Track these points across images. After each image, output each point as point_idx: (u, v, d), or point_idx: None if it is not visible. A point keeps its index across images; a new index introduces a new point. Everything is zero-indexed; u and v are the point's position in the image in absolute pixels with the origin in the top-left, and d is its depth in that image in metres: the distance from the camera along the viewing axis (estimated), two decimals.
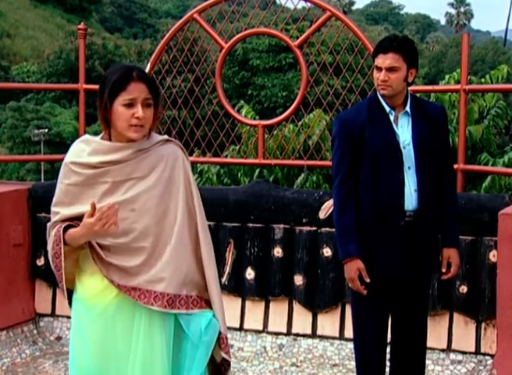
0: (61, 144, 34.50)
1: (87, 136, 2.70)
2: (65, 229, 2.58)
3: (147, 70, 5.24)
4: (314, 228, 4.70)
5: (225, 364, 2.74)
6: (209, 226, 4.77)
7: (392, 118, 3.32)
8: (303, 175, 9.33)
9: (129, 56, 44.86)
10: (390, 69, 3.22)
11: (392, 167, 3.28)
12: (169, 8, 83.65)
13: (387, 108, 3.33)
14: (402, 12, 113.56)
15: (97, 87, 5.45)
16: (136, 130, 2.57)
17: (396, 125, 3.31)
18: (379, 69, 3.25)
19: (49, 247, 2.61)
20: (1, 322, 4.87)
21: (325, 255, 4.66)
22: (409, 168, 3.29)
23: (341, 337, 4.70)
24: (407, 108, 3.33)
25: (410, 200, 3.29)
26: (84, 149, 2.63)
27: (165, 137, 2.72)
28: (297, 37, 5.16)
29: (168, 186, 2.64)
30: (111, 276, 2.58)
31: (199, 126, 5.47)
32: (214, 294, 2.67)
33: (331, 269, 4.64)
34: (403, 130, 3.31)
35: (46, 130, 38.39)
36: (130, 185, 2.60)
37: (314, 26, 4.99)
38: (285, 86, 35.90)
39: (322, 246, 4.67)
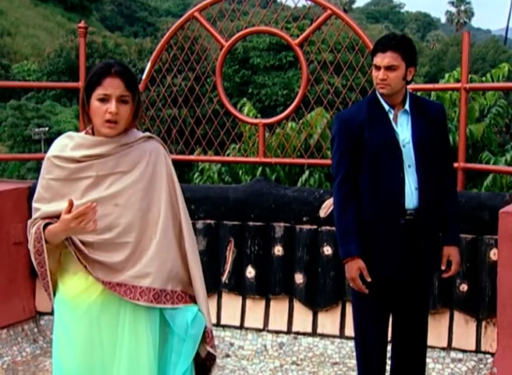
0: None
1: (70, 132, 2.70)
2: (45, 226, 2.57)
3: (147, 69, 5.24)
4: (315, 226, 4.70)
5: (211, 358, 2.76)
6: (210, 224, 4.84)
7: (391, 116, 3.31)
8: (306, 173, 9.33)
9: (129, 55, 44.79)
10: (389, 68, 3.22)
11: (393, 166, 3.27)
12: (170, 6, 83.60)
13: (386, 107, 3.32)
14: (402, 11, 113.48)
15: None
16: (109, 126, 2.57)
17: (396, 124, 3.30)
18: (378, 67, 3.25)
19: (30, 245, 2.60)
20: (1, 320, 4.88)
21: (326, 253, 4.66)
22: (409, 166, 3.28)
23: (341, 335, 4.70)
24: (407, 106, 3.32)
25: (411, 199, 3.28)
26: (67, 144, 2.62)
27: (148, 134, 2.73)
28: (298, 36, 5.16)
29: (151, 181, 2.65)
30: (96, 274, 2.58)
31: (199, 125, 5.47)
32: (198, 289, 2.68)
33: (331, 267, 4.64)
34: (403, 129, 3.30)
35: (46, 129, 38.35)
36: (114, 179, 2.60)
37: (314, 25, 4.99)
38: (285, 84, 35.86)
39: (323, 244, 4.67)
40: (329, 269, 4.66)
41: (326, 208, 4.63)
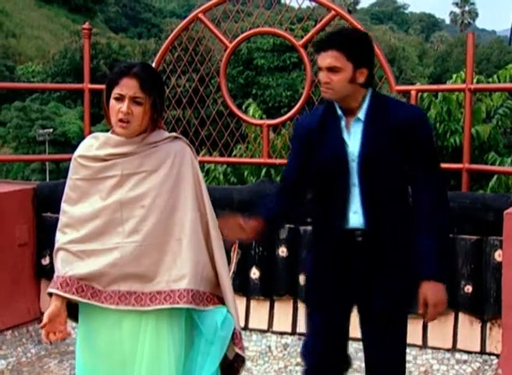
0: (66, 144, 34.62)
1: (96, 133, 2.73)
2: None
3: None
4: None
5: (239, 360, 2.74)
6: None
7: (343, 125, 2.84)
8: None
9: (133, 56, 44.91)
10: (331, 70, 2.74)
11: (337, 184, 2.82)
12: (174, 7, 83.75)
13: (339, 113, 2.85)
14: (407, 12, 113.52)
15: (102, 86, 5.45)
16: (121, 125, 2.57)
17: (349, 133, 2.83)
18: (320, 68, 2.79)
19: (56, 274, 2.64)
20: (6, 321, 4.89)
21: None
22: (354, 185, 2.81)
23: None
24: (360, 113, 2.81)
25: (354, 221, 2.81)
26: (93, 144, 2.66)
27: (174, 134, 2.72)
28: (302, 37, 5.16)
29: (177, 182, 2.63)
30: (130, 287, 2.57)
31: (204, 126, 5.48)
32: (227, 291, 2.67)
33: None
34: (355, 141, 2.81)
35: (51, 130, 38.46)
36: (139, 179, 2.59)
37: (318, 26, 5.00)
38: (289, 85, 35.91)
39: None
40: None
41: None
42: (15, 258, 5.01)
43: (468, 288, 4.36)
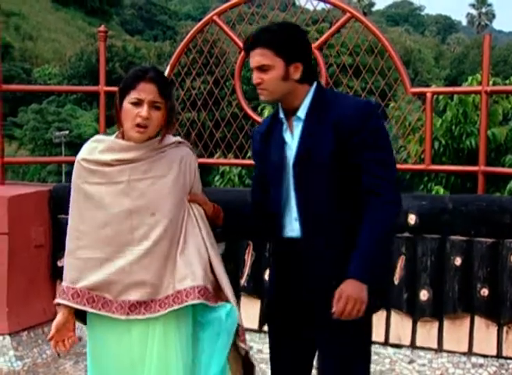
0: (82, 146, 34.76)
1: (99, 135, 2.72)
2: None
3: (166, 73, 5.26)
4: None
5: (243, 353, 2.75)
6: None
7: (285, 127, 2.65)
8: None
9: (149, 58, 45.06)
10: (261, 69, 2.55)
11: (276, 189, 2.66)
12: (189, 10, 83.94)
13: (280, 115, 2.67)
14: (423, 13, 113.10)
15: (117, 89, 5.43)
16: (139, 130, 2.57)
17: (292, 135, 2.63)
18: (252, 70, 2.61)
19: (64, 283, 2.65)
20: (22, 322, 4.92)
21: None
22: (292, 190, 2.63)
23: None
24: (300, 112, 2.60)
25: (292, 228, 2.65)
26: (96, 147, 2.63)
27: (178, 138, 2.72)
28: (317, 39, 5.16)
29: (182, 188, 2.65)
30: (142, 297, 2.58)
31: (218, 128, 5.48)
32: (227, 290, 2.68)
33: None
34: (295, 142, 2.62)
35: (67, 132, 38.66)
36: (147, 185, 2.59)
37: (333, 28, 4.98)
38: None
39: None
40: None
41: None
42: (31, 260, 5.04)
43: (484, 291, 4.33)
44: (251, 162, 7.32)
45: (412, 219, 4.48)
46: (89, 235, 2.59)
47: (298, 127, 2.60)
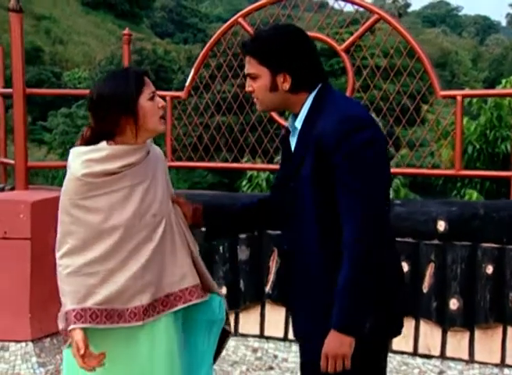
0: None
1: (80, 148, 2.63)
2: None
3: (190, 75, 5.31)
4: None
5: (226, 332, 2.94)
6: (253, 234, 4.84)
7: (290, 136, 2.58)
8: None
9: (178, 61, 45.36)
10: (250, 77, 2.50)
11: (282, 204, 2.60)
12: (220, 12, 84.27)
13: (289, 121, 2.59)
14: (460, 14, 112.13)
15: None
16: (164, 121, 2.63)
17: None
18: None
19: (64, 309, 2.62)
20: (44, 329, 4.96)
21: None
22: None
23: (388, 349, 4.64)
24: (297, 122, 2.49)
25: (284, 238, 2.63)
26: (91, 159, 2.57)
27: None
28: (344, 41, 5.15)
29: (168, 185, 2.74)
30: (147, 299, 2.61)
31: (245, 133, 5.47)
32: (211, 281, 2.82)
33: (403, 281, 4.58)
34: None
35: None
36: (144, 188, 2.62)
37: (360, 30, 4.97)
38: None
39: None
40: None
41: None
42: (54, 266, 5.07)
43: None
44: (277, 166, 7.30)
45: (441, 225, 4.44)
46: (97, 248, 2.57)
47: (296, 138, 2.52)
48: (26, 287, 4.84)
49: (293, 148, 2.52)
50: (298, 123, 2.48)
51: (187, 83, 5.27)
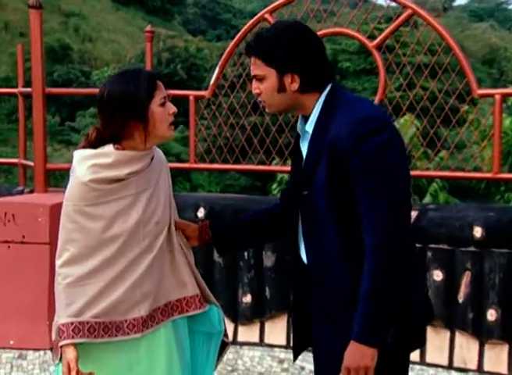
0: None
1: (84, 150, 2.62)
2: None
3: (215, 74, 5.32)
4: None
5: (225, 344, 2.97)
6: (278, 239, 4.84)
7: (300, 141, 2.57)
8: None
9: (211, 60, 45.49)
10: (256, 78, 2.48)
11: (295, 213, 2.58)
12: (254, 8, 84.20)
13: (298, 125, 2.58)
14: (510, 8, 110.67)
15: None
16: (173, 128, 2.63)
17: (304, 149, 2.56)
18: None
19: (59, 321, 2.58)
20: None
21: None
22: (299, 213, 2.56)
23: (422, 361, 4.62)
24: (308, 125, 2.48)
25: (303, 250, 2.60)
26: (99, 164, 2.57)
27: None
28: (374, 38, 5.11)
29: (170, 191, 2.76)
30: (146, 310, 2.63)
31: (280, 133, 5.45)
32: (208, 291, 2.85)
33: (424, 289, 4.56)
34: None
35: None
36: (147, 195, 2.63)
37: (392, 26, 4.93)
38: (376, 90, 35.64)
39: None
40: None
41: None
42: None
43: None
44: None
45: (478, 232, 4.40)
46: (98, 256, 2.57)
47: (307, 143, 2.49)
48: (44, 293, 4.88)
49: (304, 154, 2.51)
50: (309, 127, 2.46)
51: (211, 82, 5.27)
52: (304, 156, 2.49)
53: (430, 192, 13.02)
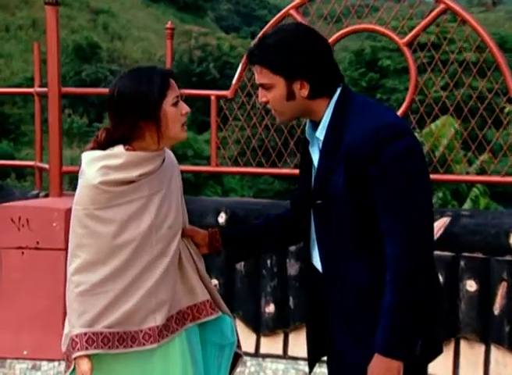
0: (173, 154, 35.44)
1: (93, 152, 2.62)
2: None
3: (237, 72, 5.31)
4: None
5: (238, 356, 2.97)
6: (301, 246, 4.83)
7: (309, 148, 2.56)
8: None
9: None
10: (263, 87, 2.47)
11: (306, 221, 2.60)
12: (289, 3, 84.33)
13: (307, 130, 2.58)
14: None
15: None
16: (185, 128, 2.63)
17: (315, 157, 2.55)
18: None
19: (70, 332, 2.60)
20: None
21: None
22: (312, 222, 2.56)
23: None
24: (318, 132, 2.47)
25: (316, 260, 2.59)
26: (108, 165, 2.57)
27: None
28: (404, 34, 5.08)
29: (181, 194, 2.77)
30: (163, 319, 2.64)
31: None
32: (219, 299, 2.84)
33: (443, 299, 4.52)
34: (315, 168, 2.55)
35: None
36: (160, 198, 2.63)
37: (424, 22, 4.89)
38: (420, 89, 35.38)
39: None
40: (443, 301, 4.54)
41: (436, 229, 4.53)
42: None
43: None
44: None
45: None
46: (111, 263, 2.57)
47: (317, 152, 2.50)
48: (59, 301, 4.88)
49: (314, 161, 2.52)
50: (320, 133, 2.46)
51: (234, 82, 5.25)
52: (316, 163, 2.50)
53: (470, 197, 12.82)
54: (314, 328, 2.69)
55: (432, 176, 5.26)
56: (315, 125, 2.50)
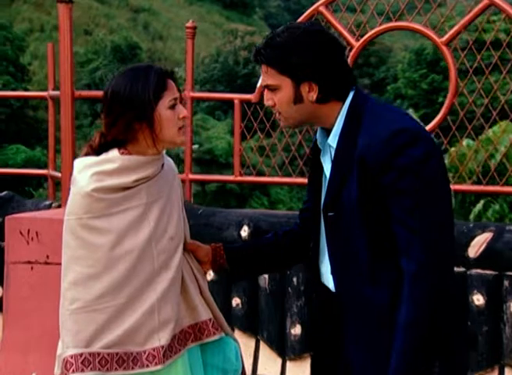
0: (211, 163, 35.56)
1: (86, 158, 2.63)
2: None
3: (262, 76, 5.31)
4: (462, 269, 4.55)
5: None
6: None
7: (321, 156, 2.57)
8: (481, 202, 9.10)
9: None
10: (269, 88, 2.49)
11: (316, 233, 2.62)
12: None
13: (318, 138, 2.59)
14: None
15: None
16: (183, 132, 2.62)
17: (326, 166, 2.56)
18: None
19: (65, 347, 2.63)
20: None
21: (476, 302, 4.49)
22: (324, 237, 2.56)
23: None
24: (330, 139, 2.48)
25: (327, 278, 2.59)
26: (101, 171, 2.57)
27: None
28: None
29: (181, 203, 2.76)
30: (167, 339, 2.63)
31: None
32: (222, 318, 2.82)
33: (484, 321, 4.47)
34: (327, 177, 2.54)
35: (197, 146, 39.70)
36: (160, 206, 2.63)
37: (466, 18, 4.86)
38: (487, 91, 34.98)
39: (472, 292, 4.50)
40: (481, 323, 4.48)
41: (477, 245, 4.48)
42: None
43: None
44: None
45: None
46: (108, 276, 2.56)
47: (328, 159, 2.51)
48: None
49: (326, 171, 2.53)
50: (332, 141, 2.47)
51: (258, 84, 5.16)
52: (328, 173, 2.50)
53: None
54: (324, 357, 2.68)
55: (488, 187, 5.25)
56: (327, 132, 2.51)
